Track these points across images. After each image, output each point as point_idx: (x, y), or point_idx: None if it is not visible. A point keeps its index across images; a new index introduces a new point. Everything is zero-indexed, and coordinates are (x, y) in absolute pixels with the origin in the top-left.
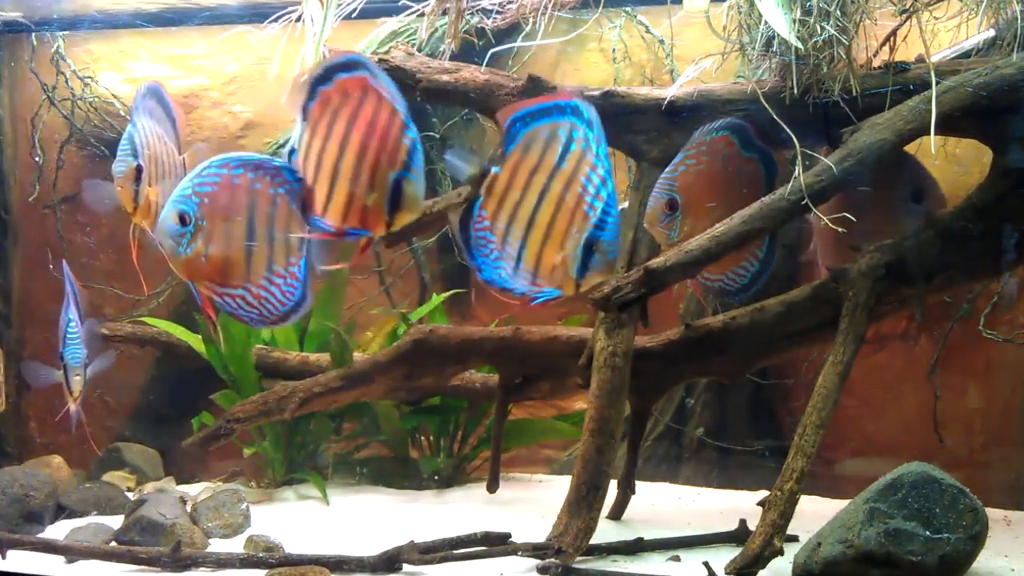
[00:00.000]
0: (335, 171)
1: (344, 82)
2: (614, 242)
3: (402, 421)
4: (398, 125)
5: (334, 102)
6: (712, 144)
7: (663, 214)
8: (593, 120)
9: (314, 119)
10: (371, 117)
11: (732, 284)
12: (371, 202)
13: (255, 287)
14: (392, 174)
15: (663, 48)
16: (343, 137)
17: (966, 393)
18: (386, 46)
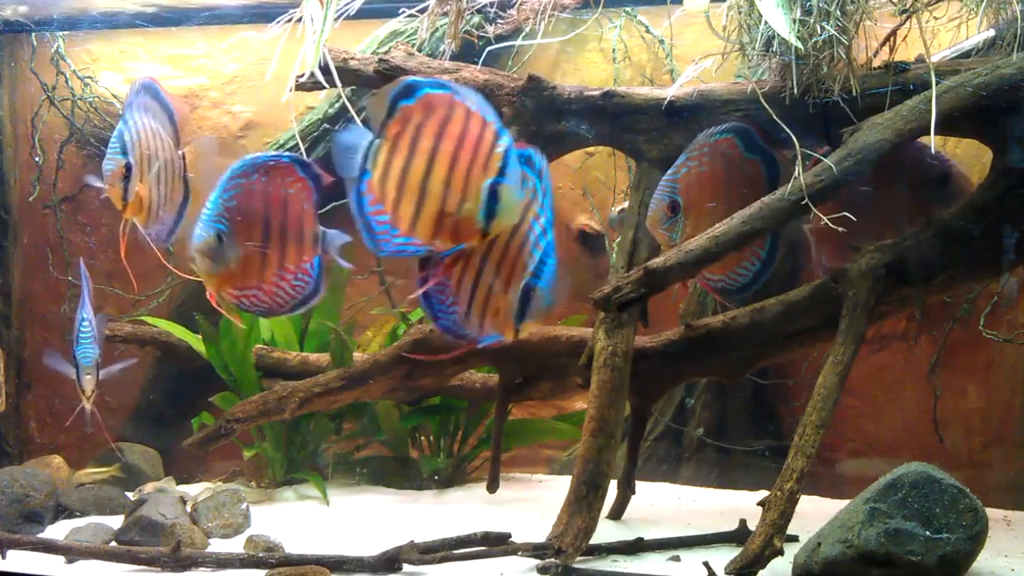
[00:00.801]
0: (423, 187)
1: (429, 97)
2: (549, 289)
3: (402, 421)
4: (491, 133)
5: (417, 117)
6: (714, 146)
7: (665, 216)
8: (543, 170)
9: (393, 136)
10: (461, 128)
11: (733, 284)
12: (464, 212)
13: (268, 284)
14: (487, 182)
15: (663, 48)
16: (431, 150)
17: (966, 393)
18: (386, 46)
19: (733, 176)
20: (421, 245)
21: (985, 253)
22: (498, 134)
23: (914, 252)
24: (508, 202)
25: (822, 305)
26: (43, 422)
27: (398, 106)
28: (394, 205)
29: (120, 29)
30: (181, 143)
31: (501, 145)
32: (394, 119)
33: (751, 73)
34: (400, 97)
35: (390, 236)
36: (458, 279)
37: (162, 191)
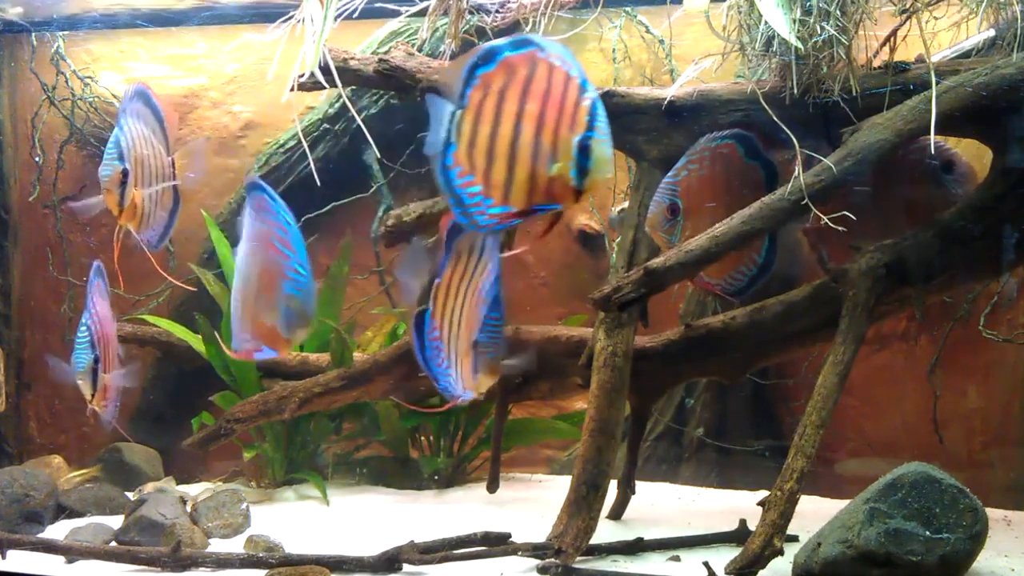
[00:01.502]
0: (512, 151)
1: (508, 60)
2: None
3: (402, 421)
4: (574, 87)
5: (498, 82)
6: (715, 151)
7: (664, 219)
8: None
9: (476, 104)
10: (545, 86)
11: (730, 287)
12: (556, 172)
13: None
14: (576, 138)
15: (663, 48)
16: (516, 113)
17: (966, 393)
18: (386, 46)
19: (733, 181)
20: (516, 214)
21: (985, 253)
22: (583, 87)
23: (914, 252)
24: (599, 157)
25: (822, 305)
26: (43, 422)
27: (477, 74)
28: (484, 174)
29: (120, 29)
30: (170, 148)
31: (587, 98)
32: (475, 87)
33: (751, 73)
34: (478, 65)
35: (484, 207)
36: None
37: (154, 197)
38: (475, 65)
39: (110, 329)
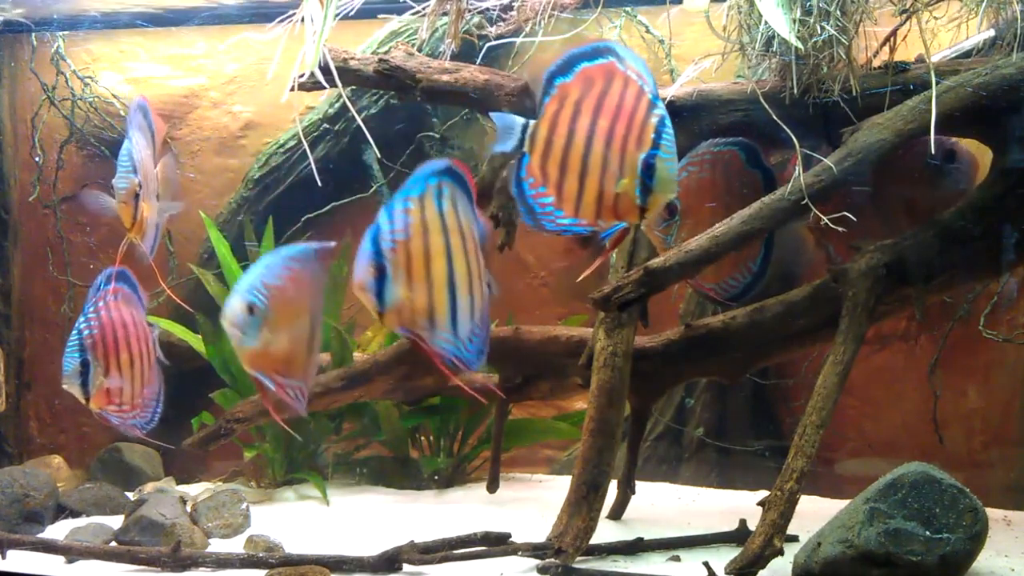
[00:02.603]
0: (583, 166)
1: (586, 71)
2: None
3: (402, 421)
4: (645, 103)
5: (574, 94)
6: (717, 155)
7: (661, 218)
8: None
9: (551, 115)
10: (617, 100)
11: (725, 292)
12: (621, 189)
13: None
14: (642, 155)
15: (663, 48)
16: (589, 127)
17: (966, 393)
18: (386, 46)
19: (733, 186)
20: (585, 226)
21: (985, 253)
22: (653, 103)
23: (914, 252)
24: (663, 176)
25: (822, 305)
26: (43, 422)
27: (555, 83)
28: (557, 186)
29: (120, 29)
30: (156, 160)
31: (655, 115)
32: (552, 97)
33: (751, 73)
34: (556, 74)
35: (554, 218)
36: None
37: (153, 208)
38: (553, 75)
39: (122, 334)
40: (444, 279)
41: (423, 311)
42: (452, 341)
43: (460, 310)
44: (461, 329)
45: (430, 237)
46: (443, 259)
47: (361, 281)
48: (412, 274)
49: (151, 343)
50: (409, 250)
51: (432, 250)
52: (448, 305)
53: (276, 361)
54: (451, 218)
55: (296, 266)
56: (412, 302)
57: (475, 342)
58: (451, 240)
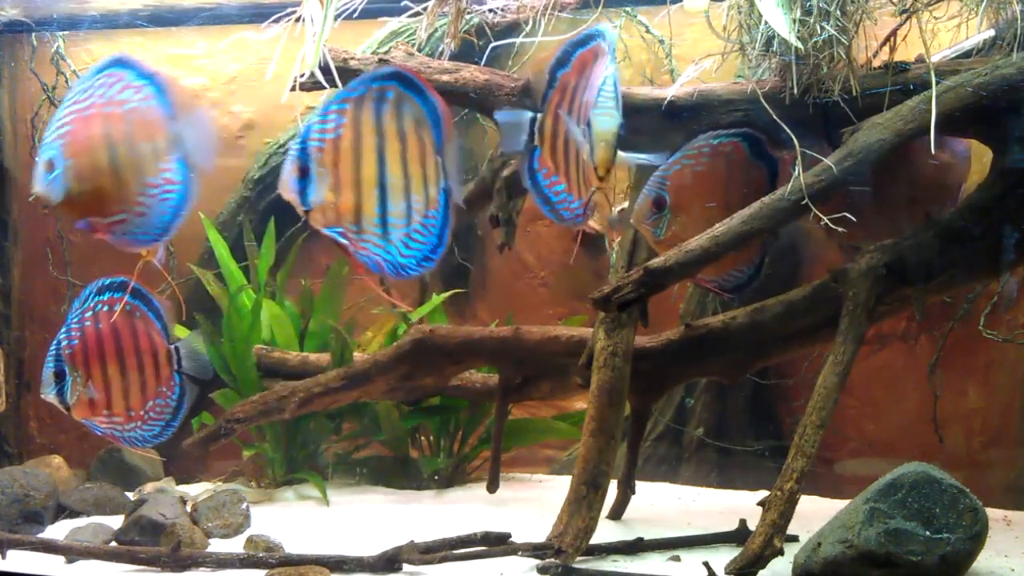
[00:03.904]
0: (576, 145)
1: (580, 58)
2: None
3: (402, 421)
4: (608, 70)
5: (571, 82)
6: (716, 148)
7: (649, 212)
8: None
9: (555, 106)
10: (596, 76)
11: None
12: (585, 155)
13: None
14: (589, 118)
15: (663, 48)
16: (578, 107)
17: (966, 393)
18: (386, 46)
19: (734, 178)
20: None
21: (985, 253)
22: (608, 66)
23: (914, 252)
24: (596, 130)
25: (822, 305)
26: (43, 422)
27: (557, 76)
28: (565, 171)
29: (120, 29)
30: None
31: (605, 75)
32: (554, 89)
33: (751, 73)
34: (557, 67)
35: (568, 203)
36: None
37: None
38: (554, 68)
39: (112, 346)
40: (374, 181)
41: (348, 212)
42: (381, 244)
43: (392, 213)
44: (393, 233)
45: (362, 139)
46: (374, 161)
47: (284, 180)
48: (339, 175)
49: (164, 357)
50: (338, 151)
51: (363, 152)
52: (378, 208)
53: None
54: (390, 121)
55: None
56: (337, 202)
57: (413, 247)
58: (386, 143)
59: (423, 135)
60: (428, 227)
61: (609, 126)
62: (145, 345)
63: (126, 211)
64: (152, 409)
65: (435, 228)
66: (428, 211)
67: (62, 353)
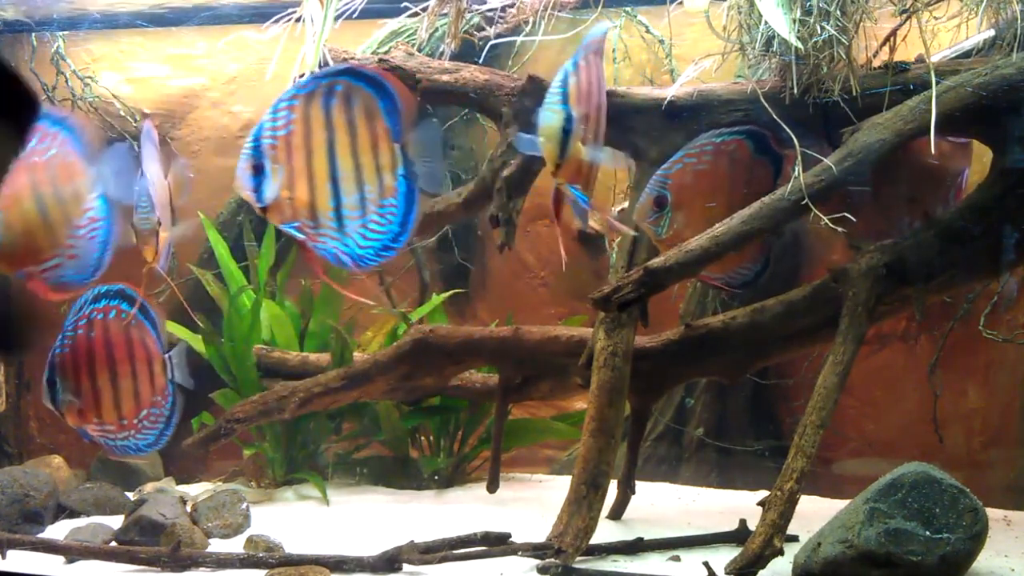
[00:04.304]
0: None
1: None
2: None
3: (402, 421)
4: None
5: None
6: (719, 146)
7: (650, 210)
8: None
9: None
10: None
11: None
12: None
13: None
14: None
15: (663, 48)
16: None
17: (966, 393)
18: (386, 46)
19: (738, 176)
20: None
21: (985, 253)
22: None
23: (914, 252)
24: (539, 125)
25: (822, 305)
26: (43, 422)
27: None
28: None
29: (120, 29)
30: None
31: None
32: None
33: (751, 73)
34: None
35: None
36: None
37: (167, 232)
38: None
39: (103, 355)
40: (326, 175)
41: (303, 207)
42: (337, 237)
43: (346, 205)
44: (349, 224)
45: (312, 134)
46: (324, 155)
47: (239, 177)
48: (292, 170)
49: (159, 366)
50: (289, 146)
51: (314, 146)
52: (331, 200)
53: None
54: (339, 114)
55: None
56: (292, 198)
57: (372, 237)
58: (336, 135)
59: (376, 125)
60: (386, 216)
61: (551, 122)
62: (140, 354)
63: (59, 255)
64: (146, 418)
65: (394, 217)
66: (384, 200)
67: (55, 361)
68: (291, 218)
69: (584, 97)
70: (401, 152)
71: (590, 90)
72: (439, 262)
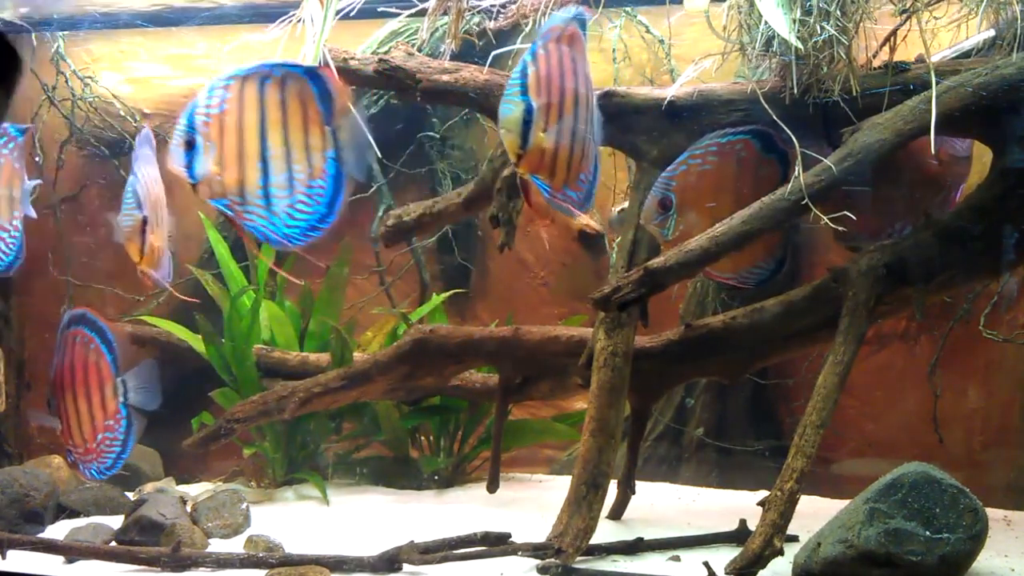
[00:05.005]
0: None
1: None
2: None
3: (402, 421)
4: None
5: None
6: (723, 147)
7: (656, 212)
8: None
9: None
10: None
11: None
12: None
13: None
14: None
15: (663, 48)
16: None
17: (966, 393)
18: (386, 46)
19: (744, 176)
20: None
21: (985, 253)
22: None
23: (914, 252)
24: (499, 123)
25: (822, 305)
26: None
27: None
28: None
29: (120, 29)
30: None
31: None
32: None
33: (751, 73)
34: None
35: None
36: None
37: (166, 235)
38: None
39: (64, 379)
40: (256, 154)
41: (233, 184)
42: (265, 216)
43: (274, 185)
44: (276, 204)
45: (245, 113)
46: (256, 135)
47: (171, 153)
48: (223, 148)
49: (111, 389)
50: (222, 125)
51: (246, 126)
52: (260, 179)
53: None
54: (273, 95)
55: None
56: (222, 175)
57: (299, 217)
58: (268, 116)
59: (308, 108)
60: (314, 197)
61: (510, 113)
62: (93, 378)
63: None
64: (102, 442)
65: (322, 198)
66: (313, 181)
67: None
68: (220, 195)
69: (546, 86)
70: (332, 136)
71: (552, 79)
72: (439, 262)
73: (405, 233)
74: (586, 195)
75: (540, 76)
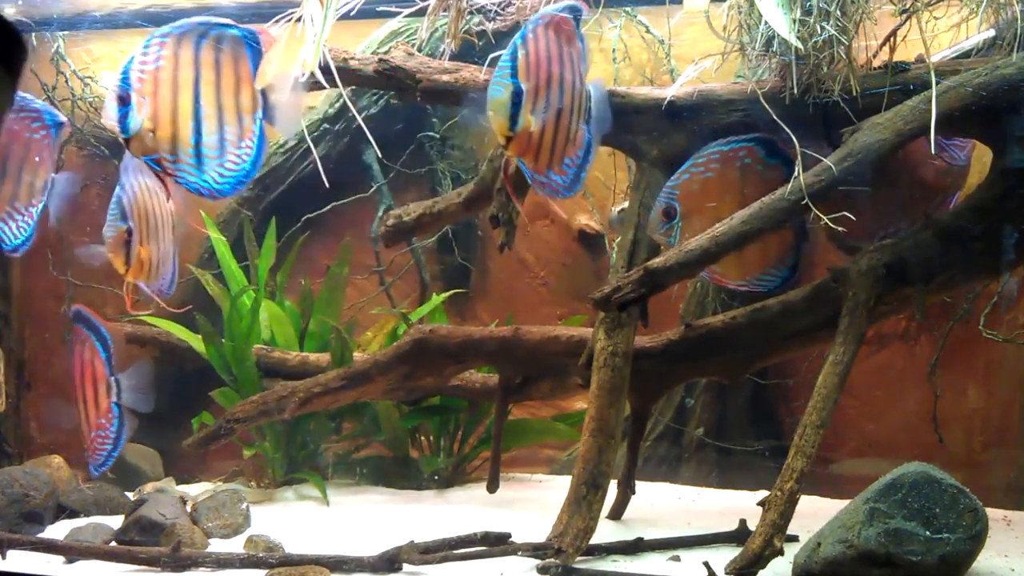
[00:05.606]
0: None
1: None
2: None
3: (402, 421)
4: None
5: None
6: (726, 155)
7: (660, 222)
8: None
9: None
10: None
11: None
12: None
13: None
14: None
15: (663, 48)
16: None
17: (966, 393)
18: (386, 46)
19: (748, 183)
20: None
21: (985, 253)
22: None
23: (914, 252)
24: (489, 106)
25: (822, 305)
26: (43, 422)
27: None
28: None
29: (120, 29)
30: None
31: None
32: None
33: (751, 73)
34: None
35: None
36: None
37: (162, 248)
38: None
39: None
40: (190, 112)
41: (166, 141)
42: (195, 173)
43: (206, 144)
44: (207, 163)
45: (180, 72)
46: (190, 93)
47: (106, 108)
48: (157, 106)
49: (104, 387)
50: (157, 82)
51: (180, 83)
52: (192, 138)
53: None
54: (207, 55)
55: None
56: (154, 132)
57: (227, 175)
58: (203, 75)
59: (240, 69)
60: (242, 156)
61: (499, 95)
62: (87, 376)
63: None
64: (95, 440)
65: (249, 156)
66: (242, 143)
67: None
68: (152, 151)
69: (534, 70)
70: (261, 97)
71: (540, 63)
72: (439, 262)
73: (405, 233)
74: (572, 179)
75: (529, 60)
